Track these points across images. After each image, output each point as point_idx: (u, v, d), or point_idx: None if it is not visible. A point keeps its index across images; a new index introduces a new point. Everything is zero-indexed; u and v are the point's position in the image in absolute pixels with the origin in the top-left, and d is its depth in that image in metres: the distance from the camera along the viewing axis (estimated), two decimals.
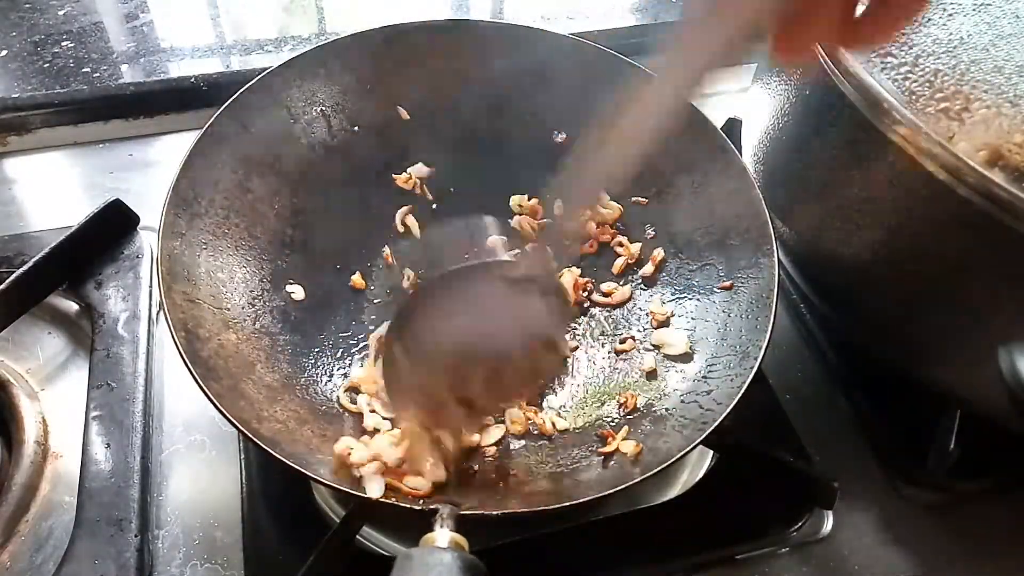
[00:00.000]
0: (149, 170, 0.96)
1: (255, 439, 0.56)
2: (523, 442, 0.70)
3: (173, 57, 1.08)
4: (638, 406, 0.71)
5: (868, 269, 0.69)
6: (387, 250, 0.83)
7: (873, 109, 0.60)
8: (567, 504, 0.57)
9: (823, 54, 0.64)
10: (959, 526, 0.72)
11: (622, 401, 0.71)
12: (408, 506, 0.56)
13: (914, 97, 0.60)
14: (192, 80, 1.02)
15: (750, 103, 0.83)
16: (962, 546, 0.71)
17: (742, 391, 0.62)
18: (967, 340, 0.64)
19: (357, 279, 0.80)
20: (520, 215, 0.85)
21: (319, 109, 0.81)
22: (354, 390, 0.72)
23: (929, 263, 0.63)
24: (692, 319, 0.76)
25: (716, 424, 0.61)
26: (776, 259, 0.70)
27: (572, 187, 0.55)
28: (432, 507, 0.54)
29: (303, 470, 0.56)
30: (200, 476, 0.70)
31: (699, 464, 0.75)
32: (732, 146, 0.77)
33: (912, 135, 0.58)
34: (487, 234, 0.84)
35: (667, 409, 0.69)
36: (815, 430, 0.77)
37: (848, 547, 0.70)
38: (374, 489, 0.57)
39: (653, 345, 0.76)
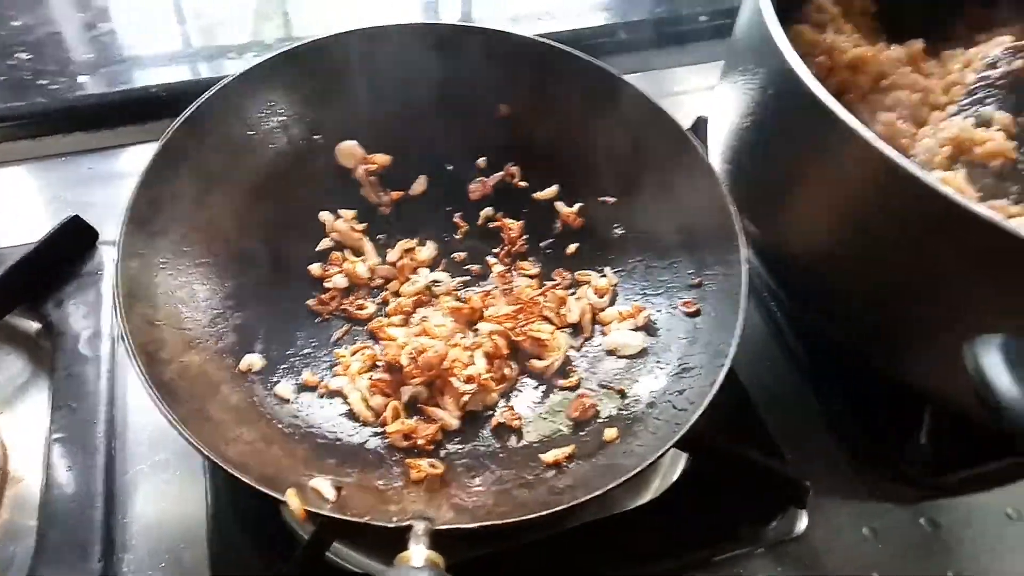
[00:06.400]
0: (111, 183, 0.94)
1: (223, 463, 0.55)
2: (495, 448, 0.70)
3: (134, 67, 1.06)
4: (614, 408, 0.71)
5: (836, 267, 0.69)
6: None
7: (838, 106, 0.60)
8: (543, 513, 0.56)
9: (787, 56, 0.63)
10: (932, 522, 0.73)
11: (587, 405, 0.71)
12: (382, 524, 0.55)
13: None
14: (153, 90, 1.00)
15: (717, 102, 0.83)
16: (935, 542, 0.71)
17: (715, 389, 0.62)
18: (934, 336, 0.64)
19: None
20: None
21: (278, 119, 0.79)
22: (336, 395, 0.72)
23: (894, 260, 0.63)
24: (661, 318, 0.76)
25: (690, 424, 0.60)
26: (744, 256, 0.70)
27: None
28: (406, 523, 0.53)
29: (273, 493, 0.55)
30: (165, 496, 0.69)
31: (672, 468, 0.74)
32: (698, 145, 0.76)
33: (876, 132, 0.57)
34: None
35: (642, 411, 0.69)
36: (787, 428, 0.76)
37: (823, 545, 0.70)
38: None
39: (607, 352, 0.76)
